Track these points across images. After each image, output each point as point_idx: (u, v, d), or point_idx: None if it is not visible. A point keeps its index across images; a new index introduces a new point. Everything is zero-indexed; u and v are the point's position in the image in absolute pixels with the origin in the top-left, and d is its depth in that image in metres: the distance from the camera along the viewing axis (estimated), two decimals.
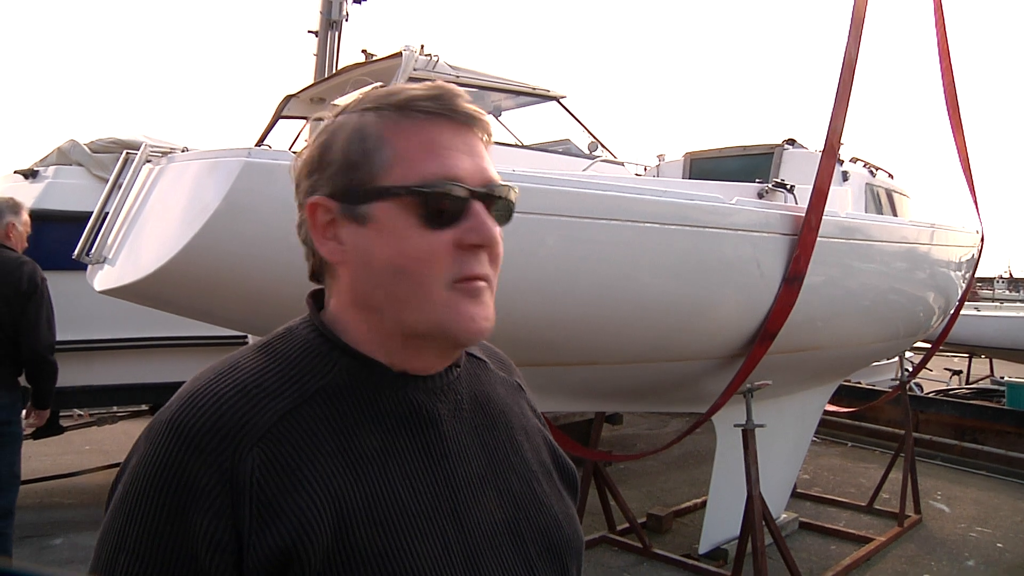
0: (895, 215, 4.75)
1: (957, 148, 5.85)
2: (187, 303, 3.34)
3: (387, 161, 0.88)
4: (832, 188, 5.05)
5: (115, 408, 7.09)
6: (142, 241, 3.19)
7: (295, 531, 0.79)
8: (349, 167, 0.89)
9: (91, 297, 3.46)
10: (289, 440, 0.82)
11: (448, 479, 0.91)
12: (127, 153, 3.78)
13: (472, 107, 0.92)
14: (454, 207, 0.88)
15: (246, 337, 5.63)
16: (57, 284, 5.13)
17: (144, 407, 6.89)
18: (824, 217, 3.95)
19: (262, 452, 0.81)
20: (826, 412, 7.19)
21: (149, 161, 3.46)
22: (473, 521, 0.91)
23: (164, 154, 3.44)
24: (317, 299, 0.98)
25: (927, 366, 6.97)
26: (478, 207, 0.89)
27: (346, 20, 10.79)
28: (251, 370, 0.88)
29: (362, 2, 10.85)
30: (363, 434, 0.87)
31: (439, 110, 0.89)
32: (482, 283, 0.89)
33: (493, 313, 0.91)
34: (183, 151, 3.47)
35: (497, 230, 0.90)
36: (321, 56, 10.74)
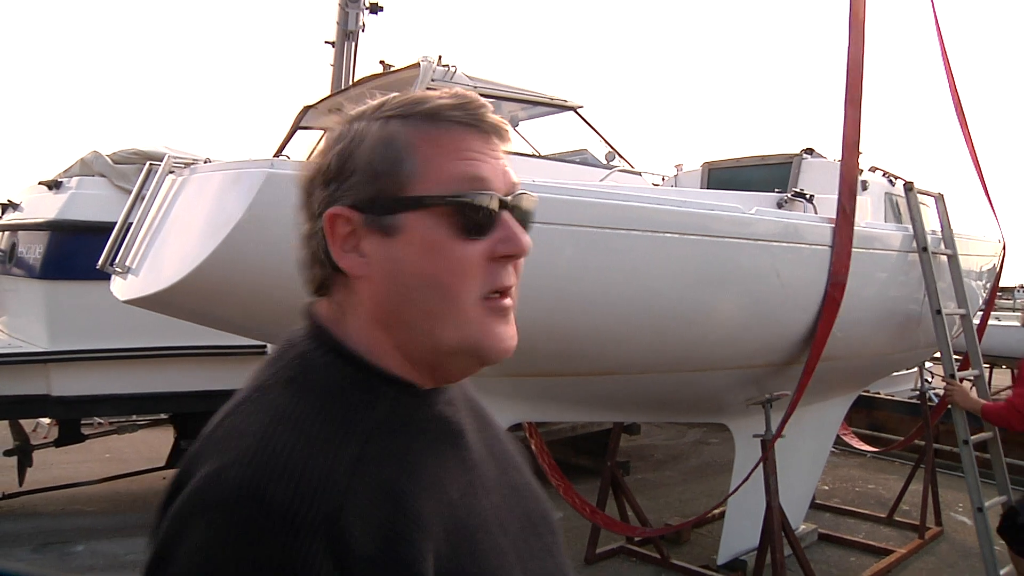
0: (919, 225, 4.71)
1: (971, 157, 5.83)
2: (209, 313, 3.37)
3: (417, 170, 0.84)
4: None
5: (135, 417, 7.14)
6: (165, 252, 3.21)
7: (418, 565, 0.75)
8: (375, 176, 0.85)
9: (113, 306, 3.50)
10: (368, 487, 0.76)
11: (484, 487, 0.91)
12: (150, 164, 3.82)
13: (496, 116, 0.90)
14: (487, 217, 0.85)
15: (265, 346, 5.68)
16: (81, 294, 5.21)
17: (164, 416, 6.94)
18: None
19: (350, 505, 0.73)
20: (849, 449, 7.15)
21: (172, 172, 3.49)
22: (508, 522, 0.91)
23: (186, 165, 3.47)
24: (311, 316, 0.92)
25: None
26: (507, 216, 0.86)
27: (362, 31, 10.86)
28: (301, 417, 0.79)
29: (378, 12, 10.91)
30: (422, 462, 0.84)
31: (466, 119, 0.86)
32: (509, 300, 0.88)
33: (515, 329, 0.89)
34: (205, 162, 3.50)
35: (528, 239, 0.87)
36: (338, 67, 10.81)
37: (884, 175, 5.74)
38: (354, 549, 0.71)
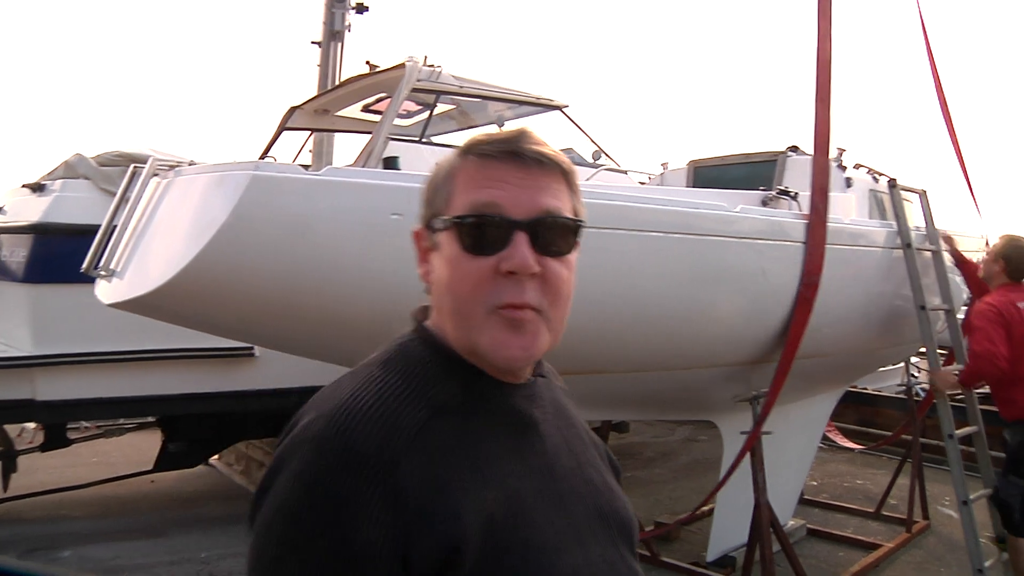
0: (903, 221, 4.75)
1: (956, 153, 5.89)
2: (195, 316, 3.36)
3: (448, 196, 1.00)
4: (836, 195, 5.07)
5: (122, 420, 7.10)
6: (150, 254, 3.20)
7: (452, 533, 0.86)
8: (427, 202, 1.05)
9: (99, 310, 3.48)
10: (430, 448, 0.90)
11: (550, 472, 1.02)
12: (134, 167, 3.80)
13: (539, 148, 0.99)
14: (494, 235, 0.95)
15: (252, 348, 5.67)
16: (65, 297, 5.17)
17: (151, 419, 6.90)
18: (831, 224, 3.96)
19: (410, 462, 0.88)
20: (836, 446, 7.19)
21: (156, 175, 3.48)
22: (573, 507, 1.02)
23: (171, 167, 3.46)
24: (415, 314, 1.09)
25: None
26: (520, 237, 0.95)
27: (348, 31, 10.80)
28: (384, 383, 0.95)
29: (364, 13, 10.87)
30: (485, 440, 0.96)
31: (499, 151, 0.98)
32: (525, 313, 0.95)
33: (539, 343, 0.97)
34: (190, 164, 3.49)
35: (530, 259, 0.94)
36: (324, 67, 10.75)
37: (868, 172, 5.77)
38: (405, 498, 0.86)
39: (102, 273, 3.41)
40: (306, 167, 3.00)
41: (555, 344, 1.00)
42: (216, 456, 7.55)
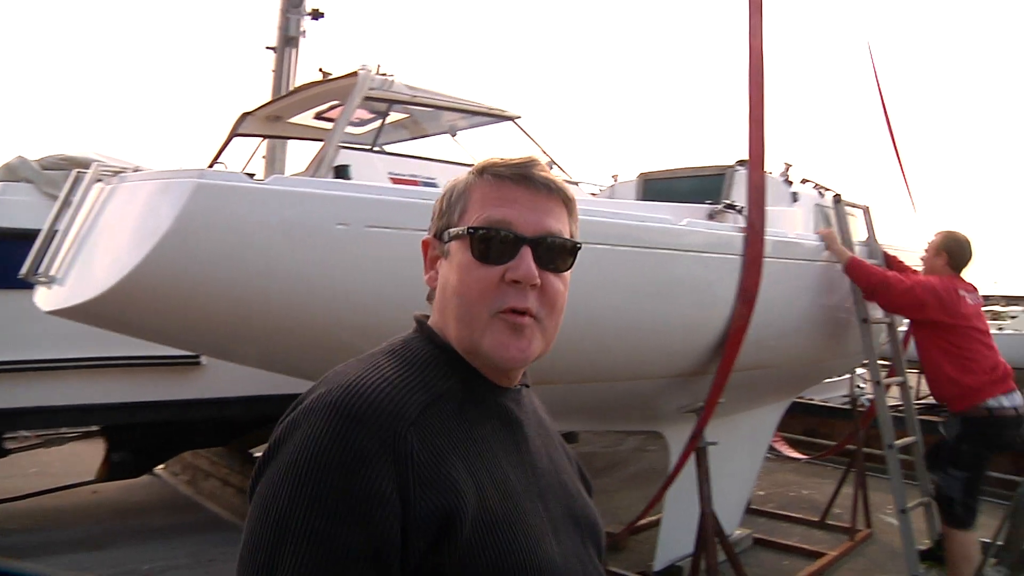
0: (846, 234, 4.85)
1: (899, 167, 6.05)
2: (137, 324, 3.31)
3: (463, 210, 1.11)
4: (782, 209, 5.16)
5: (64, 429, 6.93)
6: (92, 261, 3.14)
7: (451, 498, 0.96)
8: (441, 214, 1.15)
9: (39, 316, 3.40)
10: (431, 427, 1.00)
11: (533, 469, 1.12)
12: (77, 171, 3.73)
13: (547, 175, 1.12)
14: (502, 248, 1.07)
15: (198, 357, 5.58)
16: (4, 303, 5.04)
17: (94, 428, 6.75)
18: (773, 238, 4.03)
19: (414, 433, 0.97)
20: (783, 457, 7.30)
21: (100, 180, 3.42)
22: (551, 503, 1.12)
23: (115, 173, 3.40)
24: (416, 316, 1.19)
25: None
26: (526, 251, 1.07)
27: (303, 37, 10.71)
28: (391, 369, 1.05)
29: (319, 19, 10.79)
30: (478, 428, 1.07)
31: (511, 173, 1.10)
32: (525, 319, 1.07)
33: (534, 347, 1.09)
34: (135, 170, 3.44)
35: (534, 270, 1.06)
36: (278, 73, 10.65)
37: (815, 187, 5.89)
38: (410, 465, 0.94)
39: (42, 279, 3.33)
40: (252, 175, 2.97)
41: (546, 351, 1.11)
42: (161, 466, 7.41)
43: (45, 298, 3.29)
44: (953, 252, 4.66)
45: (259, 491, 0.97)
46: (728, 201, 4.66)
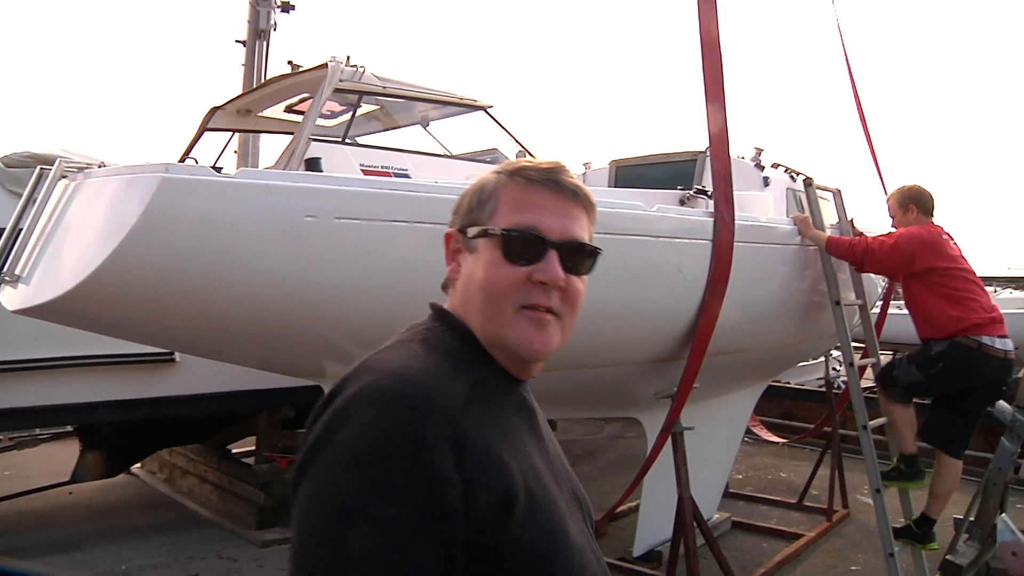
0: (818, 218, 4.88)
1: (870, 150, 6.10)
2: (107, 321, 3.27)
3: (493, 210, 1.16)
4: (753, 194, 5.19)
5: (37, 430, 6.85)
6: (58, 259, 3.10)
7: (507, 480, 1.00)
8: (470, 211, 1.19)
9: (6, 316, 3.35)
10: (475, 413, 1.03)
11: (547, 454, 1.19)
12: (41, 168, 3.68)
13: (573, 181, 1.19)
14: (532, 250, 1.13)
15: (173, 354, 5.53)
16: None
17: (68, 428, 6.68)
18: (745, 222, 4.04)
19: (465, 418, 1.01)
20: (761, 440, 7.36)
21: (65, 176, 3.37)
22: (563, 486, 1.19)
23: (80, 169, 3.36)
24: (435, 305, 1.23)
25: None
26: (553, 255, 1.13)
27: (274, 30, 10.61)
28: (431, 358, 1.09)
29: (290, 11, 10.70)
30: (505, 415, 1.12)
31: (541, 178, 1.16)
32: (547, 315, 1.13)
33: (555, 341, 1.15)
34: (100, 166, 3.39)
35: (561, 274, 1.13)
36: (249, 66, 10.55)
37: (786, 171, 5.92)
38: (469, 451, 0.98)
39: (7, 278, 3.28)
40: (219, 169, 2.94)
41: (563, 345, 1.17)
42: (138, 464, 7.35)
43: (11, 297, 3.24)
44: (919, 200, 4.72)
45: (314, 479, 0.97)
46: (699, 187, 4.67)
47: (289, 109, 6.23)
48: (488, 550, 0.98)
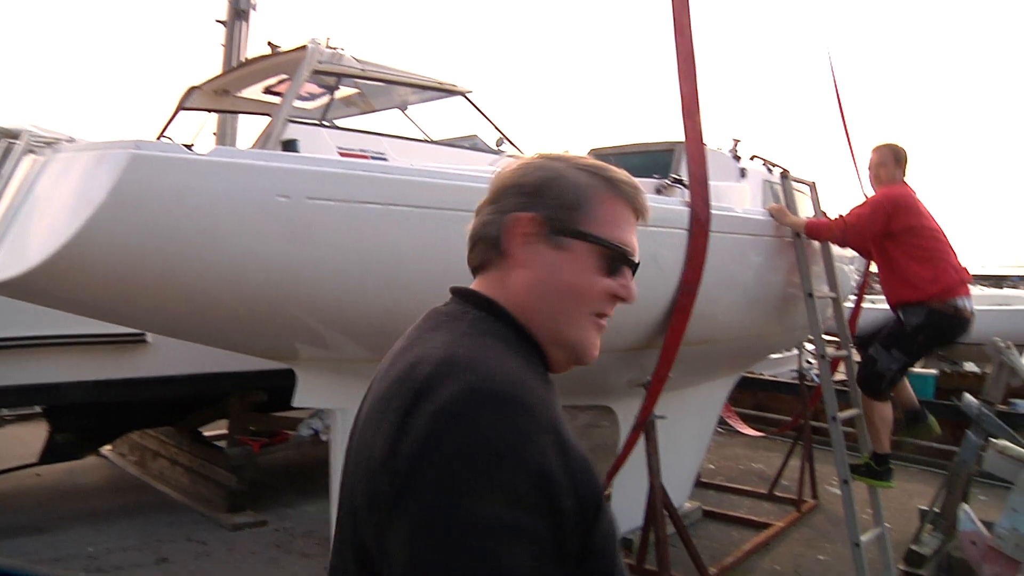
0: (793, 210, 4.90)
1: (847, 143, 6.13)
2: (74, 298, 3.23)
3: (594, 216, 1.16)
4: (730, 185, 5.20)
5: (4, 411, 6.75)
6: (24, 235, 3.05)
7: (598, 483, 1.02)
8: (566, 206, 1.16)
9: None
10: (561, 414, 1.05)
11: None
12: (8, 142, 3.62)
13: (647, 202, 1.23)
14: (619, 267, 1.17)
15: (144, 334, 5.47)
16: None
17: (36, 409, 6.59)
18: (721, 213, 4.05)
19: (559, 418, 1.02)
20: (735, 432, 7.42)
21: (32, 151, 3.32)
22: None
23: (48, 144, 3.31)
24: (457, 290, 1.21)
25: None
26: (629, 272, 1.19)
27: (254, 9, 10.50)
28: (507, 353, 1.07)
29: None
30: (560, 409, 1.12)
31: (635, 204, 1.20)
32: (605, 323, 1.19)
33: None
34: (69, 141, 3.34)
35: (636, 293, 1.19)
36: (229, 46, 10.43)
37: (764, 163, 5.94)
38: (569, 451, 0.98)
39: None
40: (190, 147, 2.90)
41: None
42: (108, 447, 7.28)
43: None
44: (898, 155, 4.75)
45: (434, 490, 0.90)
46: (676, 176, 4.68)
47: (267, 90, 6.18)
48: (586, 548, 0.99)
